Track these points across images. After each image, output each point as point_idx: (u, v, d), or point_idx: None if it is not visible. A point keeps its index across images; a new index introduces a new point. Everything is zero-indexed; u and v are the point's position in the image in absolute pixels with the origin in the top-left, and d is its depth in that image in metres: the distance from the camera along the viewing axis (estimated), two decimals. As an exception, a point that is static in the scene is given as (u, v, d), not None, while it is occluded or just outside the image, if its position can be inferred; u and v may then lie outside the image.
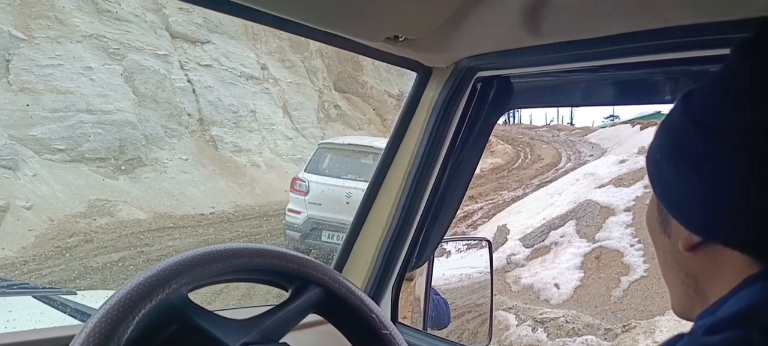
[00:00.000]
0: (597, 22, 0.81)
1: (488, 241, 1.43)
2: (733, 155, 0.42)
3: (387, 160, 1.13)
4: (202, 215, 11.22)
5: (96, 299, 1.27)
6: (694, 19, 0.71)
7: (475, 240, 1.64)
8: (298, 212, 6.85)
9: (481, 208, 11.40)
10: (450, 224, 1.19)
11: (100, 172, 11.52)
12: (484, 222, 9.82)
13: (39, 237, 8.44)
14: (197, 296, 0.62)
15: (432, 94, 1.07)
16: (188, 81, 15.09)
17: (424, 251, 1.18)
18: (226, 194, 13.11)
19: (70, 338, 0.52)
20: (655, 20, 0.75)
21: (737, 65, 0.45)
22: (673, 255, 0.51)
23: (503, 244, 7.82)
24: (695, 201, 0.46)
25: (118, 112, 12.50)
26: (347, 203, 6.44)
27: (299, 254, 0.72)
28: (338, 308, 0.73)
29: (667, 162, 0.49)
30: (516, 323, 5.36)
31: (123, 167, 12.03)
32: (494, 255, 1.61)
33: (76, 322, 1.14)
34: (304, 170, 7.28)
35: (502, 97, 1.06)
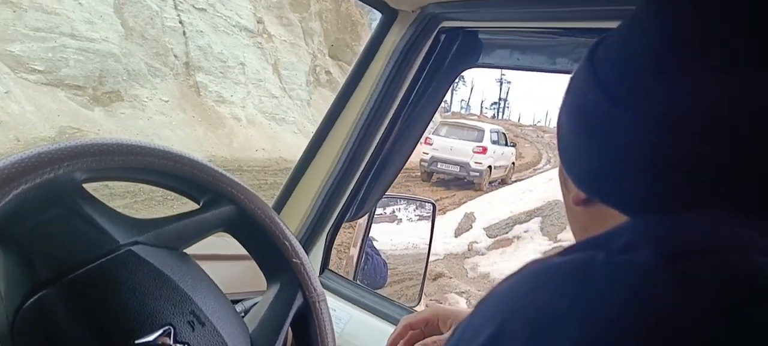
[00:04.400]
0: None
1: (433, 204, 1.40)
2: (619, 114, 0.39)
3: (340, 104, 1.08)
4: (174, 159, 11.03)
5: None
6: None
7: (419, 201, 1.61)
8: (427, 153, 12.29)
9: (454, 195, 11.45)
10: (395, 177, 1.15)
11: (76, 100, 11.24)
12: (452, 208, 9.87)
13: (3, 155, 8.21)
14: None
15: (393, 39, 1.02)
16: (180, 22, 14.74)
17: (365, 202, 1.14)
18: (202, 142, 12.94)
19: None
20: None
21: (643, 17, 0.42)
22: (570, 208, 0.50)
23: (467, 231, 7.88)
24: (581, 157, 0.44)
25: (102, 41, 12.17)
26: (451, 149, 12.17)
27: (216, 168, 0.68)
28: (250, 229, 0.69)
29: (566, 113, 0.47)
30: (466, 307, 5.42)
31: (100, 99, 11.75)
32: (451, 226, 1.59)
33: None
34: (432, 133, 12.59)
35: (464, 51, 1.02)
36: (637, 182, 0.39)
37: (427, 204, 1.45)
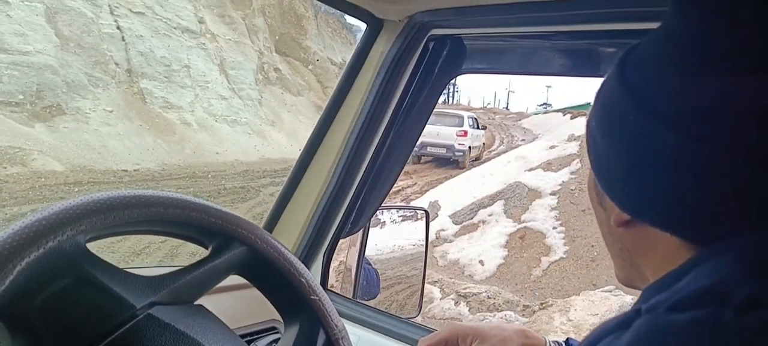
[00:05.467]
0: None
1: (426, 211, 1.38)
2: (663, 131, 0.38)
3: (328, 117, 1.05)
4: (125, 171, 10.67)
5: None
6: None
7: (412, 210, 1.60)
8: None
9: (415, 183, 11.54)
10: (390, 190, 1.13)
11: (14, 117, 10.68)
12: (416, 197, 9.95)
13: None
14: (114, 257, 0.53)
15: (381, 49, 0.99)
16: (117, 28, 14.22)
17: (360, 216, 1.11)
18: (153, 151, 12.54)
19: None
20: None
21: (673, 26, 0.41)
22: (608, 228, 0.48)
23: (434, 219, 7.95)
24: (623, 177, 0.42)
25: (37, 54, 11.62)
26: (437, 134, 13.88)
27: (223, 209, 0.64)
28: (264, 270, 0.65)
29: (600, 131, 0.44)
30: (440, 296, 5.48)
31: (40, 114, 11.21)
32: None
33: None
34: None
35: (454, 58, 1.00)
36: (690, 202, 0.38)
37: (420, 212, 1.43)
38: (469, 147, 14.82)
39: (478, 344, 0.79)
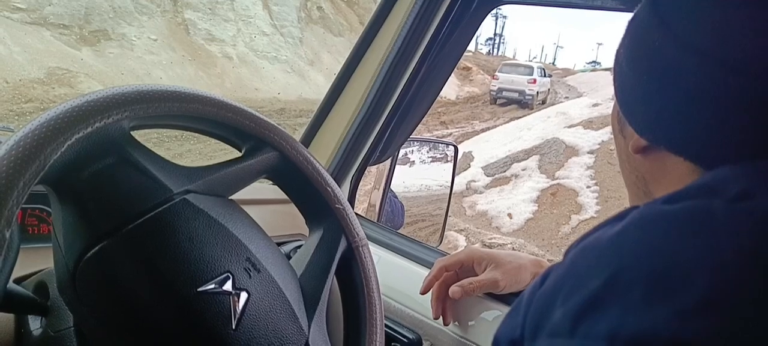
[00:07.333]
0: None
1: (455, 146, 1.39)
2: (687, 58, 0.39)
3: (366, 39, 1.05)
4: (167, 99, 10.89)
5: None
6: None
7: (442, 143, 1.61)
8: (495, 86, 18.33)
9: (451, 134, 11.48)
10: (421, 120, 1.14)
11: (63, 39, 10.96)
12: (450, 147, 9.91)
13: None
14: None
15: (421, -26, 0.99)
16: (164, -45, 14.23)
17: (389, 145, 1.13)
18: (194, 82, 12.74)
19: None
20: None
21: None
22: (626, 156, 0.50)
23: (465, 170, 7.93)
24: (644, 103, 0.44)
25: (85, -24, 11.77)
26: (511, 81, 18.02)
27: (259, 114, 0.66)
28: (293, 176, 0.68)
29: (627, 60, 0.46)
30: (465, 244, 5.54)
31: (87, 38, 11.46)
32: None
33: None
34: (497, 72, 18.83)
35: (495, -12, 0.99)
36: (707, 127, 0.39)
37: (449, 146, 1.44)
38: (537, 92, 18.24)
39: (492, 269, 0.81)
